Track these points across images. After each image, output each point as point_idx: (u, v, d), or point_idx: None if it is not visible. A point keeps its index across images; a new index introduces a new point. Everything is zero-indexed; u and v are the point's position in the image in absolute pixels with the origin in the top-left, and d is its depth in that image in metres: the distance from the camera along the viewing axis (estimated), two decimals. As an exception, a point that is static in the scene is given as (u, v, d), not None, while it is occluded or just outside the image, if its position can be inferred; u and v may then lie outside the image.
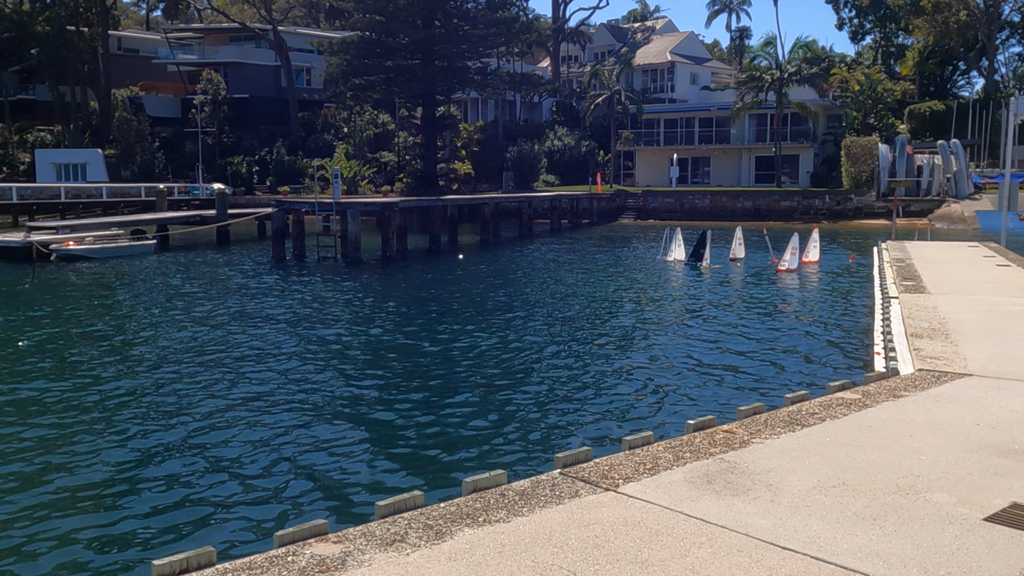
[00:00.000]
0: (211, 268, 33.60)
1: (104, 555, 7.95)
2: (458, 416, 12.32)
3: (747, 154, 65.03)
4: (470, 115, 77.91)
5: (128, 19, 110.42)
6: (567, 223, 54.62)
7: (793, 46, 63.59)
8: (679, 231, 34.94)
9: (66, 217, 53.30)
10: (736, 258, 33.00)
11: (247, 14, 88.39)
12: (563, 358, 16.45)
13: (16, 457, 10.64)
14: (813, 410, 7.40)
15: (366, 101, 66.39)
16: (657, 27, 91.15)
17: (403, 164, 68.20)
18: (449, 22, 60.69)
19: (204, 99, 73.09)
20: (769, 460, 6.05)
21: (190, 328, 19.74)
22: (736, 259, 32.91)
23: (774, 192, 58.30)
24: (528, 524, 4.89)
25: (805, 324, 19.78)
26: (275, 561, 4.38)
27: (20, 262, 32.51)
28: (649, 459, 6.07)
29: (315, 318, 21.20)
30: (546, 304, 23.33)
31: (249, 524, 8.52)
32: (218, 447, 10.99)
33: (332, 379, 14.74)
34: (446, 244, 41.61)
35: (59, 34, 72.58)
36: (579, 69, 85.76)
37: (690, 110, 69.59)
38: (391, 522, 4.91)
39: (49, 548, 8.10)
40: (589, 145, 68.55)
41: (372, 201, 40.29)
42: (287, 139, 73.50)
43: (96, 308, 23.09)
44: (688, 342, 17.66)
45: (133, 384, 14.48)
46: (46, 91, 77.48)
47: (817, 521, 4.98)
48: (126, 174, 70.03)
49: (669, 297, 24.84)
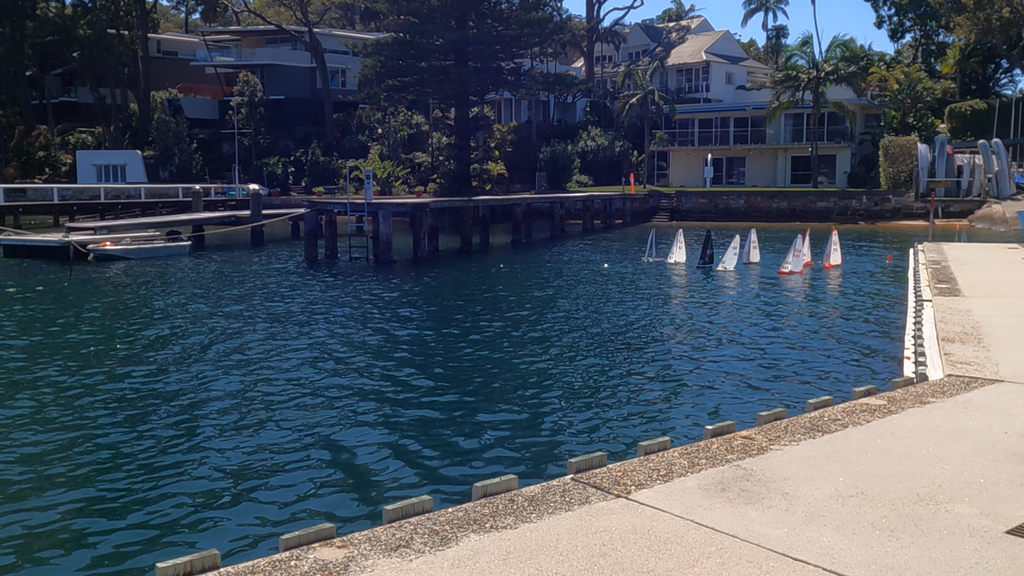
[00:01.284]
0: (243, 268, 33.93)
1: (109, 557, 8.00)
2: (476, 419, 12.28)
3: (783, 154, 64.28)
4: (503, 116, 77.95)
5: (167, 22, 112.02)
6: (600, 224, 54.39)
7: (830, 45, 62.77)
8: (681, 232, 34.30)
9: (105, 218, 54.15)
10: (751, 262, 31.54)
11: (283, 16, 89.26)
12: (584, 362, 16.35)
13: (23, 455, 10.78)
14: (836, 416, 7.25)
15: (400, 102, 66.66)
16: (692, 26, 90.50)
17: (436, 165, 68.38)
18: (483, 23, 60.74)
19: (241, 101, 73.89)
20: (786, 468, 5.93)
21: (212, 329, 19.92)
22: (751, 263, 31.49)
23: (810, 193, 57.58)
24: (535, 531, 4.83)
25: (834, 328, 19.46)
26: (278, 565, 4.37)
27: (59, 262, 33.07)
28: (664, 465, 5.98)
29: (339, 320, 21.29)
30: (567, 307, 23.22)
31: (260, 526, 8.54)
32: (232, 448, 11.04)
33: (350, 381, 14.77)
34: (478, 245, 41.63)
35: (100, 38, 73.81)
36: (613, 69, 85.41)
37: (725, 110, 68.96)
38: (397, 527, 4.88)
39: (54, 549, 8.18)
40: (623, 145, 68.22)
41: (404, 202, 40.45)
42: (322, 140, 74.05)
43: (124, 307, 23.39)
44: (712, 347, 17.46)
45: (147, 384, 14.62)
46: (87, 93, 78.86)
47: (832, 532, 4.86)
48: (164, 175, 71.02)
49: (690, 301, 24.57)
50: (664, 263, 32.39)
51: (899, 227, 50.91)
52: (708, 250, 30.58)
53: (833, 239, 31.61)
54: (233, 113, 72.65)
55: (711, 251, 30.62)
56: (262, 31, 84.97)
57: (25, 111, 79.31)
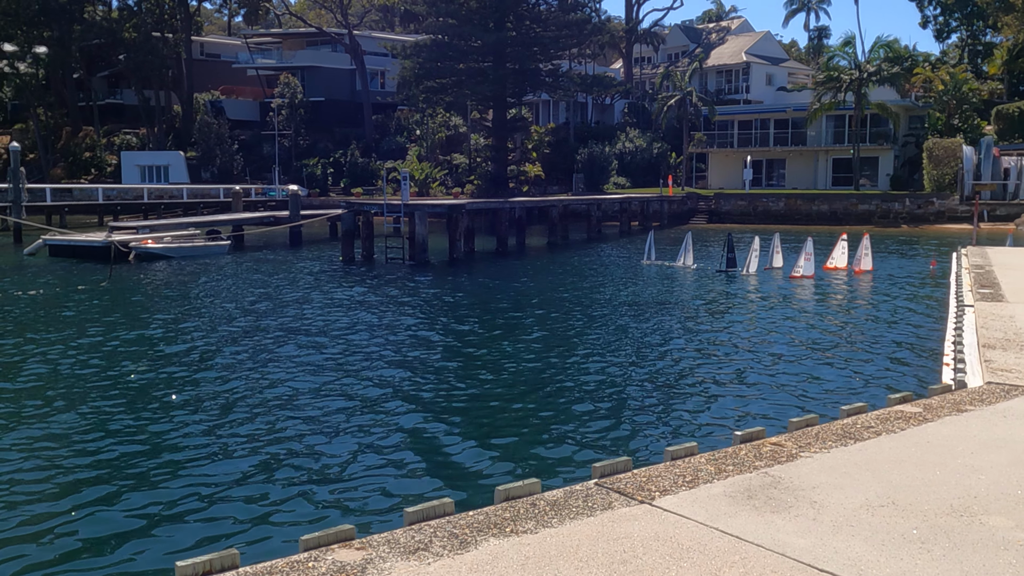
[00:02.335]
0: (281, 268, 34.26)
1: (130, 555, 8.08)
2: (500, 421, 12.25)
3: (824, 156, 63.47)
4: (541, 117, 77.90)
5: (211, 25, 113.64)
6: (637, 226, 54.10)
7: (873, 45, 61.81)
8: (690, 235, 33.75)
9: (148, 217, 55.06)
10: (773, 267, 30.71)
11: (324, 19, 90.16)
12: (612, 365, 16.23)
13: (46, 450, 10.95)
14: (869, 423, 7.08)
15: (438, 104, 66.93)
16: (732, 27, 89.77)
17: (474, 166, 68.54)
18: (521, 24, 60.77)
19: (281, 102, 74.72)
20: (816, 475, 5.80)
21: (245, 328, 20.12)
22: (773, 268, 30.66)
23: (851, 195, 56.77)
24: (556, 536, 4.77)
25: (869, 333, 19.11)
26: (296, 566, 4.35)
27: (102, 261, 33.66)
28: (690, 471, 5.89)
29: (370, 320, 21.39)
30: (597, 311, 23.10)
31: (280, 526, 8.58)
32: (256, 447, 11.11)
33: (376, 381, 14.79)
34: (513, 246, 41.60)
35: (145, 41, 75.09)
36: (652, 70, 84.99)
37: (765, 111, 68.26)
38: (417, 530, 4.85)
39: (75, 547, 8.27)
40: (661, 147, 67.83)
41: (440, 203, 40.57)
42: (361, 141, 74.61)
43: (160, 305, 23.70)
44: (741, 351, 17.22)
45: (176, 380, 14.80)
46: (132, 95, 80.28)
47: (860, 542, 4.74)
48: (206, 175, 72.04)
49: (717, 305, 24.29)
50: (673, 266, 31.95)
51: (943, 231, 49.99)
52: (730, 253, 29.94)
53: (864, 243, 30.66)
54: (274, 115, 73.49)
55: (732, 254, 30.02)
56: (303, 33, 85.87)
57: (72, 113, 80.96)
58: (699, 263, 32.68)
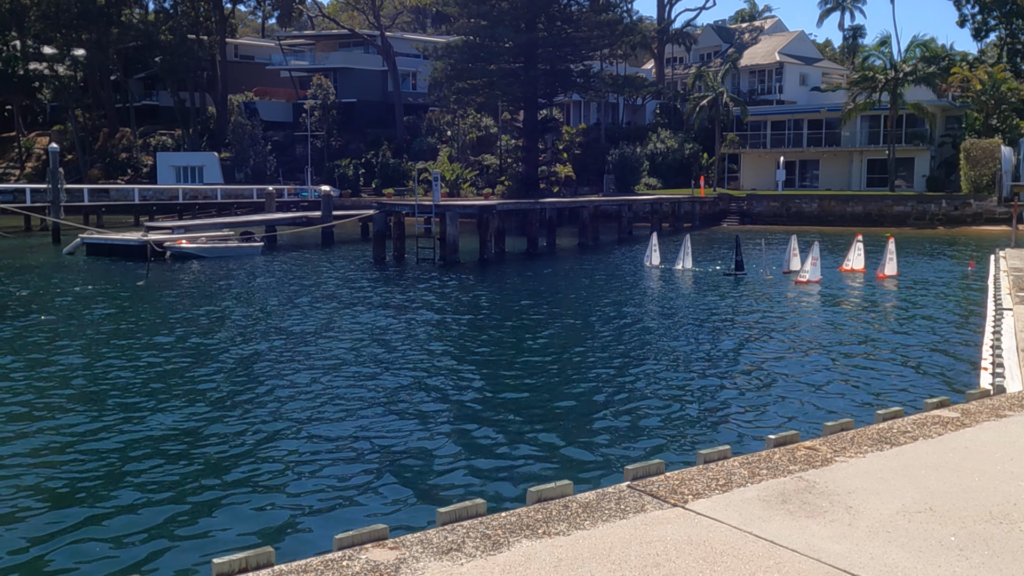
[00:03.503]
0: (313, 268, 34.53)
1: (167, 551, 8.19)
2: (534, 423, 12.24)
3: (858, 157, 62.75)
4: (572, 118, 77.77)
5: (245, 27, 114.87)
6: (668, 227, 53.84)
7: (909, 45, 61.01)
8: (688, 237, 33.21)
9: (183, 217, 55.74)
10: (791, 271, 29.74)
11: (357, 21, 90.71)
12: (645, 368, 16.16)
13: (81, 448, 11.11)
14: (905, 428, 7.00)
15: (469, 104, 67.08)
16: (766, 27, 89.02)
17: (505, 167, 68.61)
18: (552, 25, 60.73)
19: (314, 104, 75.29)
20: (851, 480, 5.74)
21: (279, 327, 20.30)
22: (791, 272, 29.67)
23: (886, 196, 56.08)
24: (588, 538, 4.77)
25: (905, 338, 18.85)
26: (330, 565, 4.39)
27: (138, 259, 34.15)
28: (723, 474, 5.85)
29: (401, 320, 21.47)
30: (629, 312, 23.02)
31: (314, 525, 8.66)
32: (290, 445, 11.21)
33: (409, 382, 14.85)
34: (544, 247, 41.59)
35: (181, 43, 76.05)
36: (684, 71, 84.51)
37: (798, 111, 67.62)
38: (449, 530, 4.86)
39: (111, 542, 8.39)
40: (693, 148, 67.44)
41: (470, 204, 40.65)
42: (392, 142, 74.98)
43: (196, 304, 23.97)
44: (774, 355, 17.07)
45: (210, 379, 14.95)
46: (168, 97, 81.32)
47: (897, 549, 4.68)
48: (240, 176, 72.79)
49: (743, 309, 24.07)
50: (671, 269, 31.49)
51: (980, 232, 49.22)
52: (737, 256, 29.52)
53: (889, 248, 29.64)
54: (306, 116, 74.09)
55: (740, 257, 29.60)
56: (335, 35, 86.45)
57: (109, 114, 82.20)
58: (701, 266, 32.29)
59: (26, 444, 11.26)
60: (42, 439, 11.49)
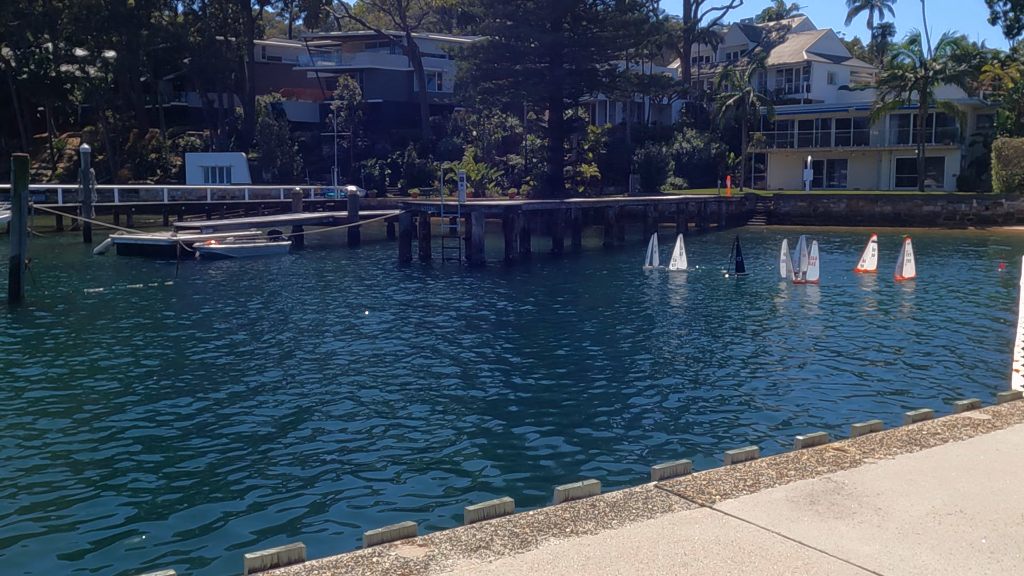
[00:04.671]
0: (340, 268, 34.75)
1: (200, 546, 8.28)
2: (562, 422, 12.26)
3: (887, 156, 62.14)
4: (598, 118, 77.64)
5: (272, 28, 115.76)
6: (694, 227, 53.59)
7: (940, 42, 60.38)
8: (681, 238, 32.75)
9: (211, 217, 56.27)
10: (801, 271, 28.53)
11: (383, 21, 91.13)
12: (673, 368, 16.13)
13: (113, 442, 11.26)
14: (935, 430, 6.95)
15: (495, 104, 67.12)
16: (793, 25, 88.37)
17: (530, 167, 68.63)
18: (578, 25, 60.63)
19: (341, 104, 75.71)
20: (880, 482, 5.72)
21: (308, 326, 20.46)
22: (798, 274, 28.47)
23: (916, 196, 55.47)
24: (616, 537, 4.79)
25: (934, 339, 18.61)
26: (360, 561, 4.45)
27: (168, 259, 34.52)
28: (751, 475, 5.85)
29: (428, 319, 21.56)
30: (655, 313, 22.96)
31: (345, 522, 8.73)
32: (320, 444, 11.30)
33: (437, 381, 14.91)
34: (569, 247, 41.56)
35: (209, 44, 76.77)
36: (710, 70, 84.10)
37: (826, 111, 67.08)
38: (478, 528, 4.90)
39: (145, 536, 8.51)
40: (719, 147, 67.10)
41: (496, 204, 40.71)
42: (418, 142, 75.24)
43: (225, 304, 24.20)
44: (801, 356, 16.92)
45: (241, 377, 15.08)
46: (196, 98, 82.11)
47: (927, 551, 4.66)
48: (267, 176, 73.36)
49: (763, 311, 23.92)
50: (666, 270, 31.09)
51: (1012, 233, 48.56)
52: (738, 256, 29.18)
53: (906, 249, 28.54)
54: (333, 116, 74.53)
55: (740, 257, 29.26)
56: (362, 36, 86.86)
57: (139, 115, 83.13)
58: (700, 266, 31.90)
59: (57, 437, 11.44)
60: (73, 432, 11.67)
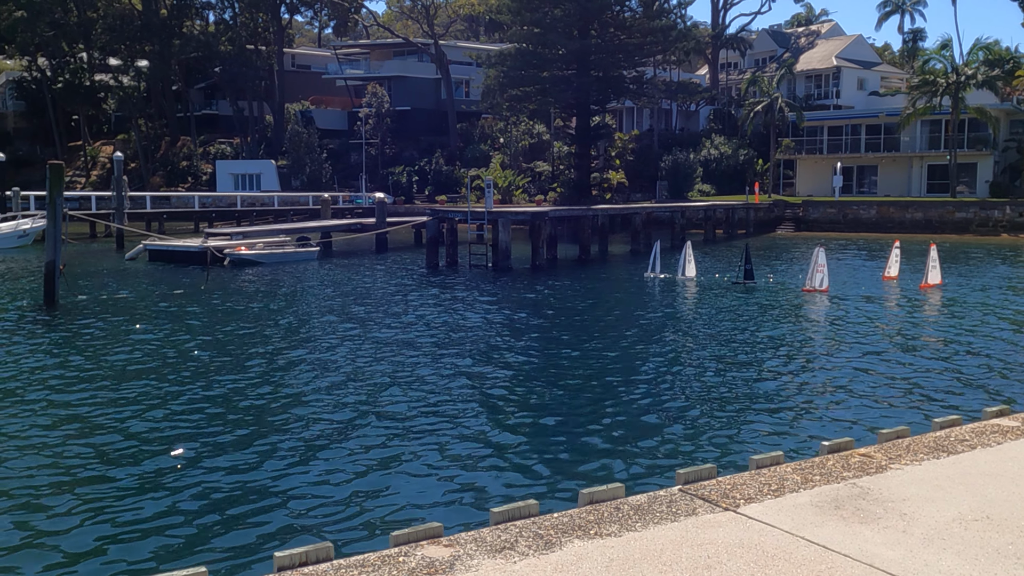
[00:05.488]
0: (368, 274, 34.98)
1: (230, 544, 8.40)
2: (587, 426, 12.29)
3: (918, 162, 61.52)
4: (625, 124, 77.56)
5: (301, 37, 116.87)
6: (722, 233, 53.37)
7: (972, 47, 59.66)
8: (689, 244, 32.44)
9: (241, 224, 56.88)
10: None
11: (411, 29, 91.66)
12: (699, 373, 16.08)
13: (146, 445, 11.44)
14: (963, 436, 6.90)
15: (522, 112, 67.31)
16: (822, 31, 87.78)
17: (557, 174, 68.69)
18: (605, 32, 60.67)
19: (369, 112, 76.26)
20: (906, 488, 5.70)
21: (336, 331, 20.65)
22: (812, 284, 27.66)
23: (947, 203, 54.83)
24: (639, 540, 4.82)
25: (962, 346, 18.40)
26: (387, 560, 4.51)
27: (198, 265, 34.95)
28: (775, 480, 5.85)
29: (454, 325, 21.68)
30: (681, 319, 22.89)
31: (371, 522, 8.82)
32: (348, 446, 11.41)
33: (463, 385, 15.01)
34: (596, 254, 41.54)
35: (240, 53, 77.72)
36: (738, 76, 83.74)
37: (856, 116, 66.53)
38: (503, 529, 4.95)
39: (176, 534, 8.65)
40: (747, 154, 66.77)
41: (523, 210, 40.79)
42: (445, 149, 75.62)
43: (255, 309, 24.46)
44: (827, 363, 16.79)
45: (270, 382, 15.24)
46: (227, 106, 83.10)
47: (952, 556, 4.65)
48: (296, 183, 74.04)
49: (793, 315, 23.72)
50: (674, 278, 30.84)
51: (1046, 239, 47.87)
52: (747, 264, 28.93)
53: (932, 255, 27.97)
54: (361, 124, 75.08)
55: (749, 265, 29.03)
56: (390, 44, 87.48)
57: (171, 123, 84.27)
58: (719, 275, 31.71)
59: (90, 435, 11.64)
60: (107, 430, 11.87)
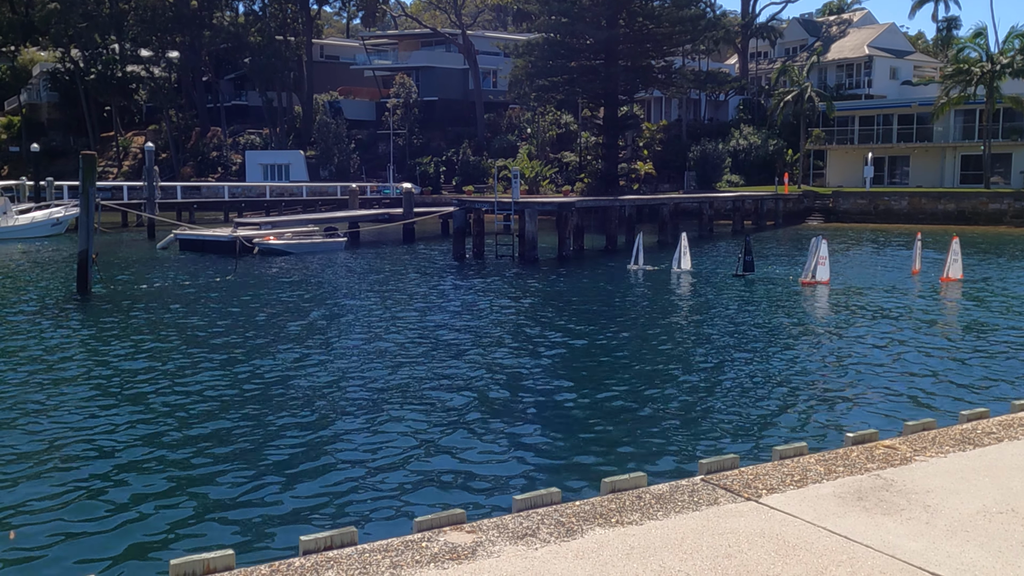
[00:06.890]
0: (395, 264, 35.16)
1: (255, 529, 8.54)
2: (609, 416, 12.32)
3: (951, 153, 60.62)
4: (653, 114, 77.14)
5: (330, 28, 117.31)
6: (750, 224, 52.99)
7: (1008, 36, 58.61)
8: (684, 238, 31.91)
9: (270, 214, 57.34)
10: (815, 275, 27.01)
11: (439, 20, 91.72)
12: (722, 364, 16.02)
13: (175, 430, 11.61)
14: (990, 429, 6.85)
15: (549, 102, 67.13)
16: (854, 19, 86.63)
17: (584, 164, 68.50)
18: (633, 21, 60.29)
19: (397, 102, 76.45)
20: (931, 480, 5.68)
21: (362, 320, 20.81)
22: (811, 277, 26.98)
23: (981, 194, 54.01)
24: (660, 528, 4.85)
25: (987, 339, 18.17)
26: (410, 545, 4.58)
27: (228, 254, 35.32)
28: (798, 471, 5.85)
29: (480, 314, 21.76)
30: (705, 310, 22.79)
31: (396, 509, 8.93)
32: (373, 434, 11.50)
33: (488, 374, 15.07)
34: (623, 244, 41.42)
35: (269, 44, 78.18)
36: (768, 65, 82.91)
37: (888, 106, 65.67)
38: (525, 516, 5.01)
39: (202, 518, 8.80)
40: (776, 144, 66.15)
41: (549, 201, 40.75)
42: (473, 140, 75.65)
43: (283, 298, 24.68)
44: (853, 355, 16.62)
45: (295, 367, 15.40)
46: (256, 97, 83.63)
47: (975, 548, 4.63)
48: (324, 174, 74.46)
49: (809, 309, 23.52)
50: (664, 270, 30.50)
51: (1083, 231, 47.05)
52: (747, 256, 28.64)
53: (953, 248, 27.29)
54: (389, 114, 75.30)
55: (750, 257, 28.73)
56: (418, 35, 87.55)
57: (201, 114, 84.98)
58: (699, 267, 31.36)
59: (122, 419, 11.84)
60: (139, 415, 12.07)
